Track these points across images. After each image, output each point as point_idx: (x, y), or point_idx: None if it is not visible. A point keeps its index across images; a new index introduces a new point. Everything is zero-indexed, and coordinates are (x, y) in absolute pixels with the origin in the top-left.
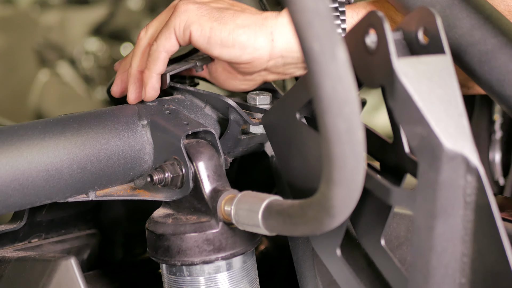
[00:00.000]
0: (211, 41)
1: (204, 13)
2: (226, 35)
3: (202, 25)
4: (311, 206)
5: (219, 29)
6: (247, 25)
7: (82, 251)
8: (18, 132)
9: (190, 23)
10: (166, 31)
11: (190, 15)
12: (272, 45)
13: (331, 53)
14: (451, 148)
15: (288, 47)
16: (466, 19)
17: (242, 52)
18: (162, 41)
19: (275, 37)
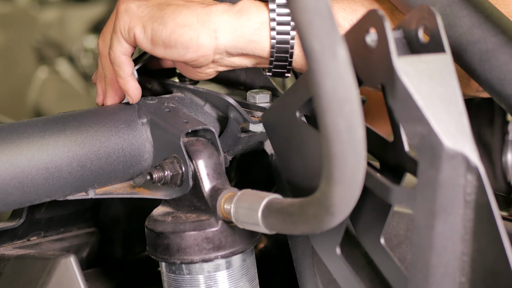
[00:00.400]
0: (154, 42)
1: (144, 13)
2: (168, 35)
3: (144, 27)
4: (311, 204)
5: (159, 30)
6: (189, 24)
7: (81, 249)
8: (18, 130)
9: (133, 25)
10: (115, 36)
11: (132, 16)
12: (216, 42)
13: (331, 52)
14: (451, 147)
15: (233, 44)
16: (466, 18)
17: (185, 52)
18: (115, 46)
19: (219, 34)
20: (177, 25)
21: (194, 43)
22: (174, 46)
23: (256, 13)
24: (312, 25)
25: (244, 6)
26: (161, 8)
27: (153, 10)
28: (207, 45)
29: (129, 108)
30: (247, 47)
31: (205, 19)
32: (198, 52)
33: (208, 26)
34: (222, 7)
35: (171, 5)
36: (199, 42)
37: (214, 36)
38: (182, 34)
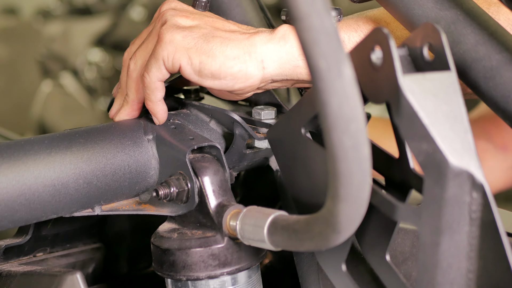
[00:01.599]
0: (202, 74)
1: (191, 45)
2: (217, 68)
3: (191, 59)
4: (317, 222)
5: (208, 63)
6: (237, 56)
7: (87, 265)
8: (24, 147)
9: (179, 57)
10: (156, 63)
11: (177, 46)
12: (263, 72)
13: (337, 71)
14: (456, 164)
15: (279, 72)
16: (470, 35)
17: (234, 83)
18: (154, 72)
19: (266, 64)
20: (226, 57)
21: (243, 75)
22: (223, 78)
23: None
24: (317, 44)
25: (286, 33)
26: (207, 40)
27: (200, 42)
28: (255, 76)
29: (135, 125)
30: (292, 73)
31: (252, 50)
32: (246, 83)
33: (256, 57)
34: (265, 35)
35: (217, 37)
36: (248, 73)
37: (261, 66)
38: (231, 66)
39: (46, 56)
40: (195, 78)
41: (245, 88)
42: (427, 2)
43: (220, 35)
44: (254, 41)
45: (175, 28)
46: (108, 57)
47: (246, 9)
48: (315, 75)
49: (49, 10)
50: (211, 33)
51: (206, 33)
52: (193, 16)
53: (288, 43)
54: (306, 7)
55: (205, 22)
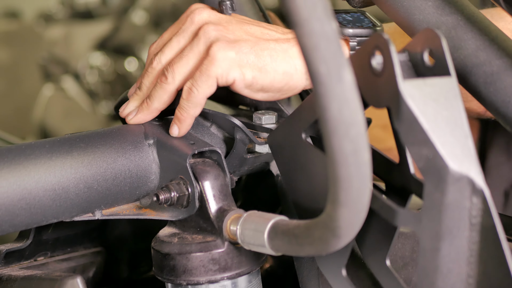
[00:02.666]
0: (252, 88)
1: (244, 61)
2: (268, 83)
3: (244, 74)
4: (317, 226)
5: (261, 78)
6: (286, 71)
7: (87, 269)
8: (25, 152)
9: (234, 74)
10: (208, 80)
11: (231, 64)
12: (306, 84)
13: (337, 76)
14: (456, 169)
15: None
16: (471, 40)
17: (280, 95)
18: (205, 89)
19: (303, 69)
20: (276, 73)
21: (289, 88)
22: (271, 91)
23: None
24: (317, 49)
25: None
26: (258, 55)
27: (251, 57)
28: (299, 87)
29: (136, 130)
30: None
31: (296, 63)
32: (290, 93)
33: (300, 70)
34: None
35: (265, 49)
36: (293, 86)
37: (305, 78)
38: (280, 81)
39: (47, 59)
40: (245, 91)
41: (288, 96)
42: (428, 8)
43: (267, 46)
44: (297, 52)
45: (225, 45)
46: (110, 61)
47: (247, 14)
48: (316, 80)
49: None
50: (259, 45)
51: (254, 47)
52: (231, 28)
53: None
54: (306, 12)
55: (244, 32)
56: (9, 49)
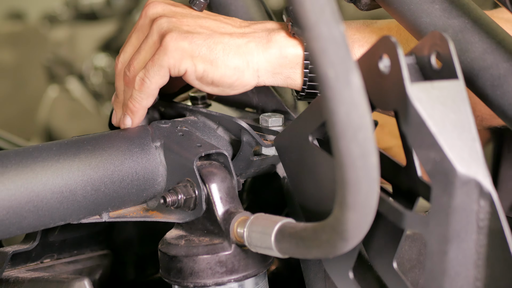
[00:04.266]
0: (203, 80)
1: (196, 52)
2: (218, 77)
3: (196, 66)
4: (325, 229)
5: (211, 71)
6: (237, 66)
7: (94, 271)
8: (32, 154)
9: (186, 64)
10: (161, 70)
11: (184, 54)
12: (258, 80)
13: (345, 80)
14: (464, 173)
15: (272, 81)
16: (478, 43)
17: (231, 90)
18: (157, 79)
19: (260, 73)
20: (227, 67)
21: (240, 83)
22: (221, 85)
23: (293, 53)
24: (326, 52)
25: (282, 44)
26: (210, 48)
27: (204, 49)
28: (250, 83)
29: (143, 132)
30: (284, 82)
31: (249, 59)
32: (242, 89)
33: (252, 66)
34: (261, 43)
35: (219, 43)
36: (244, 82)
37: (257, 75)
38: (231, 76)
39: (52, 61)
40: (195, 83)
41: (239, 92)
42: (434, 11)
43: (221, 40)
44: (251, 48)
45: (179, 35)
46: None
47: (253, 16)
48: (324, 83)
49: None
50: (213, 38)
51: (207, 39)
52: (185, 20)
53: (282, 54)
54: (315, 16)
55: (199, 25)
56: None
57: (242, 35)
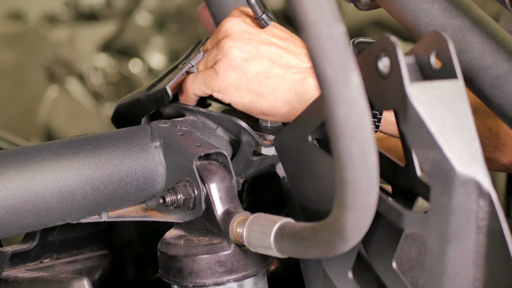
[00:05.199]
0: (251, 110)
1: (243, 86)
2: (267, 109)
3: (241, 98)
4: (324, 229)
5: (259, 103)
6: (287, 99)
7: (94, 271)
8: (32, 154)
9: (230, 95)
10: (203, 87)
11: (229, 86)
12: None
13: (345, 79)
14: (463, 172)
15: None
16: (478, 43)
17: (284, 120)
18: (196, 91)
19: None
20: (276, 100)
21: (292, 115)
22: (273, 116)
23: None
24: (325, 52)
25: None
26: (260, 82)
27: (252, 83)
28: (299, 111)
29: (142, 132)
30: None
31: (302, 94)
32: (291, 117)
33: (305, 100)
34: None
35: (270, 78)
36: (295, 114)
37: (306, 103)
38: (281, 108)
39: (52, 61)
40: (244, 110)
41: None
42: (434, 10)
43: (274, 74)
44: (306, 85)
45: (230, 65)
46: (114, 62)
47: None
48: (323, 83)
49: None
50: (265, 72)
51: (260, 73)
52: (249, 46)
53: None
54: (314, 16)
55: (261, 53)
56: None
57: (301, 70)
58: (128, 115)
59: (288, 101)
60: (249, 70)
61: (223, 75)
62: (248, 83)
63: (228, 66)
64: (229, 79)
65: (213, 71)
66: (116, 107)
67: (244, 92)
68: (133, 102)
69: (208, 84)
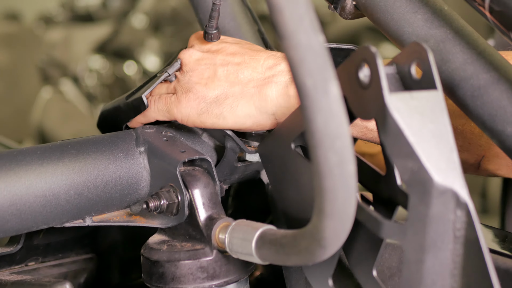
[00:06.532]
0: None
1: (203, 110)
2: (230, 126)
3: (203, 123)
4: (303, 237)
5: (220, 123)
6: (248, 113)
7: (79, 275)
8: (17, 158)
9: (193, 120)
10: (167, 114)
11: (191, 112)
12: (276, 122)
13: (323, 89)
14: (441, 182)
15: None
16: (459, 54)
17: (250, 131)
18: (159, 117)
19: (277, 116)
20: (237, 117)
21: (256, 126)
22: (238, 129)
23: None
24: (304, 62)
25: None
26: (219, 103)
27: (212, 106)
28: (268, 126)
29: (127, 137)
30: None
31: (262, 105)
32: (262, 130)
33: (266, 111)
34: (277, 89)
35: (229, 97)
36: (260, 125)
37: (273, 118)
38: (243, 123)
39: (46, 62)
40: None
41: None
42: (417, 20)
43: (232, 93)
44: (265, 95)
45: (191, 93)
46: (109, 64)
47: (240, 22)
48: (302, 92)
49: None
50: (224, 93)
51: (219, 95)
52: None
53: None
54: (293, 25)
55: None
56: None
57: (258, 83)
58: (111, 121)
59: (249, 115)
60: (209, 95)
61: (185, 102)
62: (207, 106)
63: (189, 94)
64: (190, 105)
65: (175, 99)
66: (101, 113)
67: (204, 116)
68: (114, 109)
69: (171, 112)
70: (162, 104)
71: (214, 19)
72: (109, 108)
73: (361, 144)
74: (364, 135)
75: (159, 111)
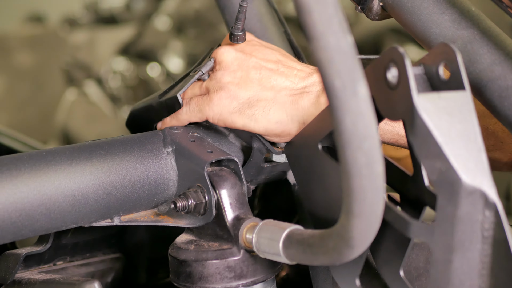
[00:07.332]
0: (247, 130)
1: (235, 109)
2: (260, 130)
3: (234, 122)
4: (331, 237)
5: (251, 125)
6: (279, 120)
7: (106, 274)
8: (46, 158)
9: (224, 119)
10: (199, 114)
11: (222, 111)
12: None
13: (352, 90)
14: (469, 183)
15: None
16: (486, 55)
17: (279, 139)
18: (192, 118)
19: (307, 121)
20: (268, 121)
21: (286, 134)
22: (267, 135)
23: None
24: (333, 62)
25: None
26: (251, 105)
27: (244, 107)
28: (297, 131)
29: (155, 137)
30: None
31: (294, 114)
32: (289, 138)
33: (298, 120)
34: (309, 99)
35: (261, 100)
36: (291, 133)
37: (303, 123)
38: (274, 129)
39: (71, 64)
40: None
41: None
42: (444, 21)
43: (265, 97)
44: (298, 104)
45: (223, 92)
46: (133, 66)
47: (267, 24)
48: (331, 93)
49: (75, 19)
50: (256, 95)
51: (252, 96)
52: (241, 72)
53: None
54: (322, 27)
55: (251, 77)
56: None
57: (292, 92)
58: (142, 120)
59: (280, 122)
60: (241, 95)
61: (217, 100)
62: (240, 106)
63: (221, 93)
64: (222, 103)
65: (207, 97)
66: (130, 112)
67: (236, 116)
68: (146, 108)
69: (203, 110)
70: (194, 105)
71: (240, 21)
72: (140, 107)
73: (387, 148)
74: (396, 141)
75: (191, 112)
